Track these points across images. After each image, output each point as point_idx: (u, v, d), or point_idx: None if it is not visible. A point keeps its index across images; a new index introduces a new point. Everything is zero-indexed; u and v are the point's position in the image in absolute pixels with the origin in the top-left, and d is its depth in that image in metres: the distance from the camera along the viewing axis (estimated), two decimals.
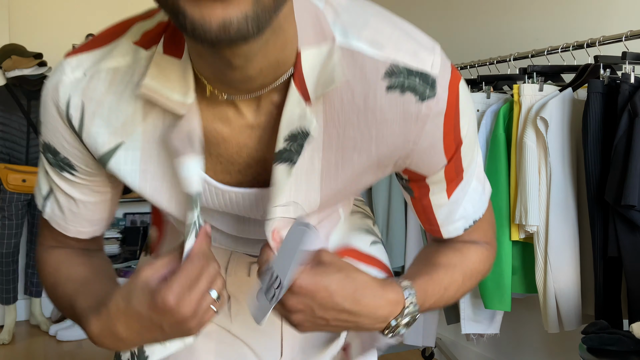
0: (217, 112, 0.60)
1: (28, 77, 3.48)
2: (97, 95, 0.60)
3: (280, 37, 0.53)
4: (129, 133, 0.61)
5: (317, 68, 0.56)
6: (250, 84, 0.56)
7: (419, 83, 0.56)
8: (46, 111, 0.62)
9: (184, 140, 0.58)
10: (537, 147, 1.91)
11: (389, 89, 0.56)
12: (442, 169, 0.64)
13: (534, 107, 1.93)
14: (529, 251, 2.06)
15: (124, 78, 0.60)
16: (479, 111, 2.21)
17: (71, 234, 0.73)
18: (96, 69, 0.60)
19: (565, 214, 1.89)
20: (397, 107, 0.57)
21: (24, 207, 3.52)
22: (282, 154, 0.58)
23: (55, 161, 0.66)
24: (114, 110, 0.60)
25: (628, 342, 1.41)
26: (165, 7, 0.46)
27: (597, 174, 1.78)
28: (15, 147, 3.46)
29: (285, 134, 0.57)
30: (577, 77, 1.97)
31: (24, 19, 3.87)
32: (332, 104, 0.58)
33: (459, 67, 2.53)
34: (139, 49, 0.59)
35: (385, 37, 0.57)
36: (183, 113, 0.58)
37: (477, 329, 2.27)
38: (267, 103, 0.59)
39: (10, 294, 3.51)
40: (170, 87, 0.57)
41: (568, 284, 1.90)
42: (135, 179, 0.64)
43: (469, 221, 0.71)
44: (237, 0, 0.44)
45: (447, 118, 0.59)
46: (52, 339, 3.51)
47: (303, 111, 0.56)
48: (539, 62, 2.33)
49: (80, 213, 0.71)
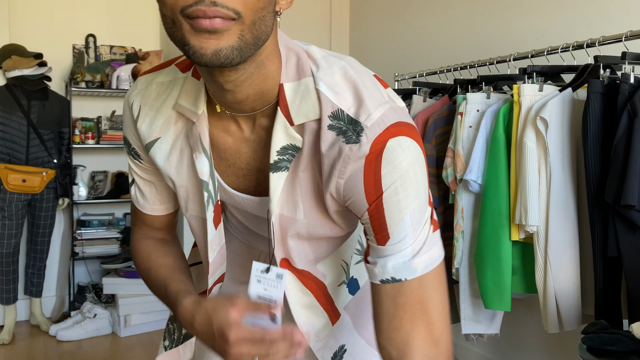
0: (223, 125, 0.79)
1: (28, 77, 3.48)
2: (149, 101, 0.83)
3: (263, 72, 0.71)
4: (164, 131, 0.82)
5: (297, 100, 0.73)
6: (241, 106, 0.74)
7: (350, 129, 0.70)
8: (124, 113, 0.86)
9: (196, 141, 0.78)
10: (537, 147, 1.92)
11: (329, 127, 0.71)
12: (366, 213, 0.74)
13: (534, 107, 1.93)
14: (529, 251, 2.06)
15: (166, 90, 0.82)
16: (479, 111, 2.21)
17: (147, 211, 0.94)
18: (150, 82, 0.83)
19: (565, 214, 1.89)
20: (333, 144, 0.71)
21: (24, 207, 3.52)
22: (275, 164, 0.75)
23: (129, 151, 0.89)
24: (157, 113, 0.82)
25: (628, 342, 1.41)
26: (176, 40, 0.64)
27: (597, 174, 1.78)
28: (16, 147, 3.46)
29: (277, 148, 0.74)
30: (577, 77, 1.97)
31: (24, 19, 3.87)
32: (310, 127, 0.73)
33: (459, 67, 2.53)
34: (178, 70, 0.82)
35: (340, 88, 0.73)
36: (194, 120, 0.78)
37: (477, 329, 2.27)
38: (258, 125, 0.77)
39: (11, 294, 3.51)
40: (191, 101, 0.78)
41: (568, 284, 1.90)
42: (164, 167, 0.84)
43: (382, 276, 0.75)
44: (226, 36, 0.61)
45: (368, 164, 0.71)
46: (52, 339, 3.51)
47: (288, 130, 0.73)
48: (539, 62, 2.33)
49: (151, 192, 0.92)
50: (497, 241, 2.03)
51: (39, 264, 3.66)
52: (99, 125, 3.96)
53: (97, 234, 3.86)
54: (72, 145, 3.74)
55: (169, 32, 0.64)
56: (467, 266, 2.24)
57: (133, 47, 4.16)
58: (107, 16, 4.11)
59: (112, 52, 4.10)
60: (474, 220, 2.21)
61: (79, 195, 3.83)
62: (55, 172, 3.60)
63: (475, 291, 2.23)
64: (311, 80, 0.73)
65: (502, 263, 2.03)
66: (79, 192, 3.84)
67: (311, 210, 0.79)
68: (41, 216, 3.60)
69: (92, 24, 4.07)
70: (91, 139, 3.85)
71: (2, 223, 3.43)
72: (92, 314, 3.59)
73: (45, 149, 3.56)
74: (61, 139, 3.72)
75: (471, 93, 2.24)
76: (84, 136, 3.84)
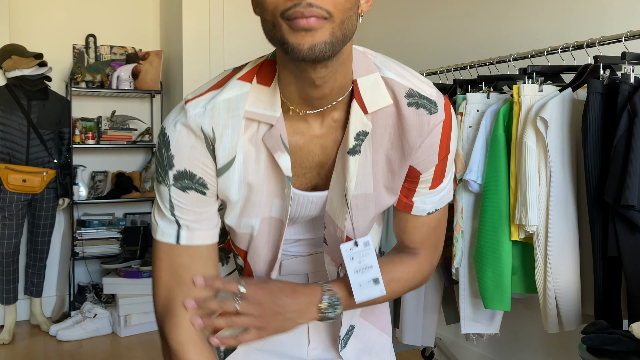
0: (294, 127, 0.86)
1: (28, 77, 3.48)
2: (221, 121, 0.83)
3: (344, 68, 0.81)
4: (237, 143, 0.85)
5: (369, 91, 0.85)
6: (322, 102, 0.83)
7: (427, 103, 0.86)
8: (180, 143, 0.84)
9: (277, 141, 0.84)
10: (537, 147, 1.92)
11: (409, 104, 0.86)
12: (434, 168, 0.92)
13: (534, 108, 1.93)
14: (529, 251, 2.06)
15: (237, 105, 0.84)
16: (478, 111, 2.21)
17: (197, 240, 0.88)
18: (214, 103, 0.83)
19: (565, 214, 1.89)
20: (416, 117, 0.86)
21: (24, 207, 3.52)
22: (353, 149, 0.86)
23: (190, 184, 0.86)
24: (232, 131, 0.84)
25: (628, 342, 1.41)
26: (275, 40, 0.73)
27: (596, 174, 1.78)
28: (16, 147, 3.46)
29: (353, 135, 0.85)
30: (576, 77, 1.97)
31: (24, 19, 3.87)
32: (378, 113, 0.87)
33: (459, 67, 2.53)
34: (244, 82, 0.85)
35: (402, 73, 0.87)
36: (272, 123, 0.84)
37: (476, 329, 2.27)
38: (329, 119, 0.87)
39: (11, 294, 3.51)
40: (263, 106, 0.84)
41: (568, 284, 1.90)
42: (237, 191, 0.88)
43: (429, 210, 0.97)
44: (320, 33, 0.70)
45: (445, 129, 0.89)
46: (52, 339, 3.52)
47: (362, 119, 0.85)
48: (539, 62, 2.33)
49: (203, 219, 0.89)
50: (497, 241, 2.03)
51: (39, 264, 3.66)
52: (99, 125, 3.96)
53: (97, 234, 3.86)
54: (72, 145, 3.74)
55: (268, 34, 0.74)
56: (467, 266, 2.24)
57: (133, 47, 4.16)
58: (107, 16, 4.11)
59: (112, 52, 4.10)
60: (474, 220, 2.22)
61: (79, 195, 3.84)
62: (56, 172, 3.61)
63: (475, 291, 2.23)
64: (377, 74, 0.86)
65: (502, 263, 2.03)
66: (79, 192, 3.84)
67: (378, 185, 0.91)
68: (41, 216, 3.60)
69: (92, 24, 4.07)
70: (91, 139, 3.85)
71: (2, 223, 3.43)
72: (92, 314, 3.59)
73: (46, 149, 3.56)
74: (61, 139, 3.72)
75: (471, 93, 2.24)
76: (84, 136, 3.84)
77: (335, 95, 0.83)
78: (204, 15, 3.77)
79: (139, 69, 3.97)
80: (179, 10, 3.77)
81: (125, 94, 4.05)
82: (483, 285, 2.07)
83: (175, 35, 3.89)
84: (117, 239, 3.91)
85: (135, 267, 3.75)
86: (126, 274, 3.70)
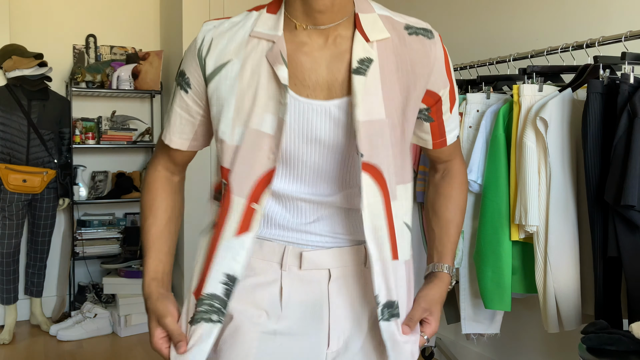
0: (298, 41, 0.95)
1: (28, 77, 3.48)
2: (222, 33, 0.98)
3: None
4: (236, 54, 0.97)
5: (369, 25, 0.96)
6: (325, 16, 0.93)
7: (423, 31, 1.00)
8: (188, 50, 1.02)
9: (277, 56, 0.94)
10: (537, 148, 1.92)
11: (410, 34, 0.98)
12: (448, 89, 1.04)
13: (534, 108, 1.93)
14: (529, 251, 2.07)
15: (238, 25, 0.99)
16: (478, 111, 2.22)
17: (175, 145, 1.06)
18: (225, 22, 1.00)
19: (565, 214, 1.90)
20: (418, 42, 0.99)
21: (25, 207, 3.52)
22: (357, 70, 0.93)
23: (181, 81, 1.02)
24: (229, 41, 0.98)
25: (627, 342, 1.42)
26: None
27: (596, 174, 1.78)
28: (16, 147, 3.46)
29: (357, 58, 0.93)
30: (576, 77, 1.97)
31: (24, 19, 3.87)
32: (381, 46, 0.96)
33: (459, 67, 2.53)
34: (250, 12, 1.00)
35: (398, 13, 1.01)
36: (274, 41, 0.95)
37: (477, 328, 2.27)
38: (333, 37, 0.95)
39: (11, 294, 3.52)
40: (268, 28, 0.96)
41: (568, 284, 1.90)
42: (230, 90, 0.97)
43: (456, 132, 1.13)
44: None
45: (443, 50, 1.01)
46: (52, 339, 3.52)
47: (365, 46, 0.94)
48: (539, 62, 2.33)
49: (177, 124, 1.05)
50: (497, 241, 2.04)
51: (39, 264, 3.67)
52: (99, 126, 3.97)
53: (97, 234, 3.86)
54: (72, 145, 3.75)
55: None
56: (467, 266, 2.24)
57: (133, 47, 4.16)
58: (107, 16, 4.11)
59: (113, 52, 4.10)
60: (474, 220, 2.22)
61: (80, 196, 3.84)
62: (56, 172, 3.61)
63: (475, 291, 2.24)
64: (375, 13, 0.98)
65: (502, 263, 2.03)
66: (80, 192, 3.84)
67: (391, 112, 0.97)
68: (41, 216, 3.60)
69: (93, 24, 4.08)
70: (91, 139, 3.85)
71: (2, 223, 3.43)
72: (93, 314, 3.59)
73: (46, 149, 3.56)
74: (61, 139, 3.72)
75: (471, 93, 2.24)
76: (84, 136, 3.84)
77: (337, 12, 0.93)
78: (204, 15, 3.77)
79: (139, 69, 3.97)
80: (179, 10, 3.77)
81: (125, 94, 4.05)
82: (483, 285, 2.07)
83: (175, 35, 3.89)
84: (117, 239, 3.91)
85: (135, 267, 3.76)
86: (126, 274, 3.70)
